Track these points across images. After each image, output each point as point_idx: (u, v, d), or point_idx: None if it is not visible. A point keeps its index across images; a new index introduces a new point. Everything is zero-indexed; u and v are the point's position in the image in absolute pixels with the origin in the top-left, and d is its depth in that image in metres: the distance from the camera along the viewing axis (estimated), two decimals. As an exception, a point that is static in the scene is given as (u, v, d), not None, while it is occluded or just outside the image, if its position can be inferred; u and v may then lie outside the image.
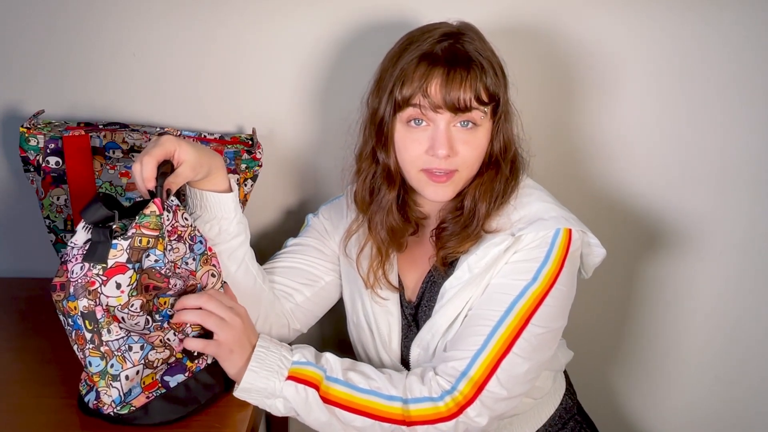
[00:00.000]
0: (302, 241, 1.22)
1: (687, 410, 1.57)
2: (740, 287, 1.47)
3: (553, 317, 1.04)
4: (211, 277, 1.03)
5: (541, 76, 1.35)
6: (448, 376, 1.01)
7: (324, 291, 1.21)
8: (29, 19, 1.33)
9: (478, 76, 1.02)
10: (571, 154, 1.40)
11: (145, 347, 0.97)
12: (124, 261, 0.91)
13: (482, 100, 1.02)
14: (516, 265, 1.04)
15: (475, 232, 1.07)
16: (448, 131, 1.03)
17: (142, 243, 0.92)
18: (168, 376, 1.00)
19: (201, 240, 1.02)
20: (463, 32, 1.06)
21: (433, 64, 1.02)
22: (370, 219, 1.13)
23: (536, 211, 1.07)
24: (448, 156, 1.03)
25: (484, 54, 1.04)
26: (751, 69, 1.33)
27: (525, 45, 1.33)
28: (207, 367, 1.04)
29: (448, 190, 1.06)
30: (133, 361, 0.96)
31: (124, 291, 0.92)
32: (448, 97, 1.01)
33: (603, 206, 1.41)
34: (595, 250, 1.09)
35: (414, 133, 1.05)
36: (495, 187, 1.07)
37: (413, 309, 1.16)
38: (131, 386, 0.97)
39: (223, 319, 0.99)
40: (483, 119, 1.04)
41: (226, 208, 1.06)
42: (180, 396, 1.01)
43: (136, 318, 0.94)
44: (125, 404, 0.97)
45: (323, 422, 1.00)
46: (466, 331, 1.04)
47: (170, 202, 0.96)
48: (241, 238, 1.09)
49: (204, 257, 1.02)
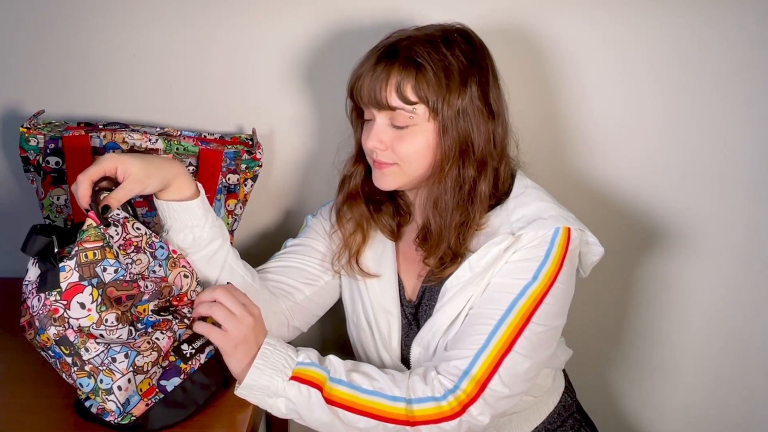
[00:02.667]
0: (302, 241, 1.23)
1: (686, 410, 1.57)
2: (740, 286, 1.47)
3: (553, 315, 1.04)
4: (184, 278, 1.03)
5: (534, 74, 1.35)
6: (451, 375, 1.01)
7: (324, 290, 1.22)
8: (29, 19, 1.33)
9: (403, 74, 1.03)
10: (569, 153, 1.40)
11: (130, 354, 0.96)
12: (77, 280, 0.93)
13: (407, 99, 1.03)
14: (516, 265, 1.05)
15: (448, 250, 1.09)
16: (382, 126, 1.07)
17: (89, 257, 0.93)
18: (164, 380, 1.00)
19: (161, 245, 1.02)
20: (428, 33, 1.06)
21: (371, 60, 1.07)
22: (339, 189, 1.19)
23: (535, 210, 1.07)
24: (377, 149, 1.07)
25: (430, 56, 1.03)
26: (751, 67, 1.33)
27: (520, 45, 1.33)
28: (201, 366, 1.03)
29: (388, 178, 1.10)
30: (121, 370, 0.95)
31: (90, 309, 0.93)
32: (372, 93, 1.05)
33: (601, 205, 1.41)
34: (594, 248, 1.10)
35: (366, 126, 1.11)
36: (447, 193, 1.07)
37: (413, 308, 1.16)
38: (128, 395, 0.96)
39: (233, 314, 0.99)
40: (415, 119, 1.05)
41: (194, 215, 1.06)
42: (178, 399, 1.01)
43: (117, 331, 0.95)
44: (126, 414, 0.96)
45: (325, 423, 1.00)
46: (468, 330, 1.04)
47: (116, 215, 0.98)
48: (218, 242, 1.10)
49: (170, 261, 1.02)
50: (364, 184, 1.17)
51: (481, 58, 1.08)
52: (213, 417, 1.01)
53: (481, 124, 1.06)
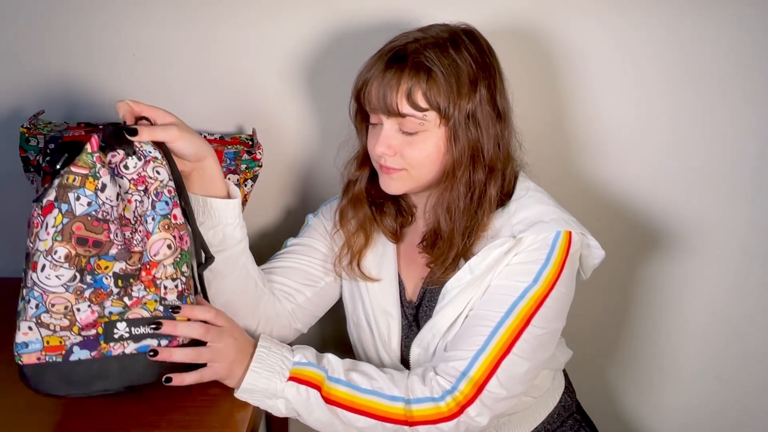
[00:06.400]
0: (302, 241, 1.22)
1: (686, 410, 1.57)
2: (740, 287, 1.47)
3: (552, 318, 1.04)
4: (166, 248, 0.95)
5: (537, 75, 1.35)
6: (449, 376, 1.01)
7: (324, 291, 1.21)
8: (29, 19, 1.33)
9: (414, 80, 1.02)
10: (569, 154, 1.40)
11: (39, 306, 0.89)
12: (52, 199, 0.89)
13: (418, 105, 1.02)
14: (517, 267, 1.04)
15: (454, 255, 1.08)
16: (391, 132, 1.05)
17: (69, 180, 0.89)
18: (78, 347, 0.92)
19: (167, 201, 0.95)
20: (435, 36, 1.05)
21: (379, 65, 1.04)
22: (343, 192, 1.18)
23: (537, 213, 1.07)
24: (385, 154, 1.06)
25: (440, 60, 1.02)
26: (752, 67, 1.33)
27: (523, 45, 1.33)
28: (122, 355, 0.94)
29: (396, 183, 1.09)
30: (26, 316, 0.90)
31: (49, 233, 0.88)
32: (381, 99, 1.03)
33: (601, 206, 1.41)
34: (594, 251, 1.09)
35: (372, 131, 1.10)
36: (459, 198, 1.06)
37: (414, 309, 1.16)
38: (26, 340, 0.90)
39: (210, 328, 0.99)
40: (426, 125, 1.04)
41: (231, 214, 1.05)
42: (75, 376, 0.92)
43: (61, 269, 0.89)
44: (17, 354, 0.91)
45: (324, 423, 1.01)
46: (467, 331, 1.04)
47: (146, 151, 0.94)
48: (243, 244, 1.09)
49: (165, 221, 0.95)
50: (369, 187, 1.16)
51: (488, 59, 1.07)
52: (213, 417, 1.01)
53: (490, 127, 1.05)
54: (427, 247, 1.12)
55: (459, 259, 1.09)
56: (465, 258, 1.08)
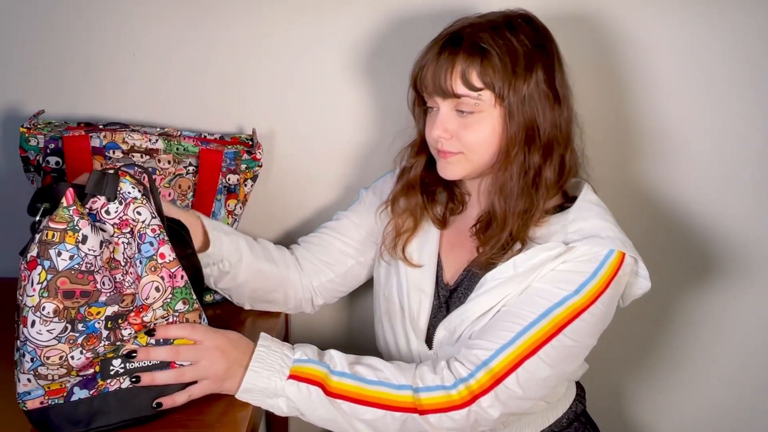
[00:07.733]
0: (346, 215, 1.26)
1: (691, 412, 1.55)
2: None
3: (585, 334, 1.03)
4: (154, 291, 0.95)
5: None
6: (469, 362, 1.01)
7: (354, 270, 1.25)
8: (29, 18, 1.33)
9: (468, 61, 1.03)
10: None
11: (35, 360, 0.89)
12: (35, 255, 0.88)
13: (473, 85, 1.03)
14: (561, 274, 1.03)
15: (509, 237, 1.07)
16: (447, 115, 1.07)
17: (49, 237, 0.88)
18: (78, 387, 0.94)
19: (151, 241, 0.94)
20: (491, 20, 1.06)
21: (434, 49, 1.06)
22: (398, 178, 1.20)
23: (594, 227, 1.06)
24: (442, 138, 1.07)
25: (495, 41, 1.03)
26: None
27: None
28: (118, 391, 0.95)
29: (453, 167, 1.09)
30: (24, 369, 0.91)
31: (35, 289, 0.87)
32: (436, 81, 1.05)
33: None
34: (641, 281, 1.08)
35: (429, 117, 1.11)
36: (513, 179, 1.06)
37: (448, 292, 1.16)
38: (28, 389, 0.92)
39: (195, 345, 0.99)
40: (481, 106, 1.04)
41: (216, 254, 1.12)
42: (77, 415, 0.94)
43: (51, 324, 0.88)
44: (21, 402, 0.93)
45: (327, 419, 1.00)
46: (497, 324, 1.03)
47: (126, 193, 0.93)
48: (237, 255, 1.15)
49: (151, 263, 0.94)
50: (424, 174, 1.17)
51: (545, 42, 1.07)
52: (213, 417, 1.01)
53: (547, 110, 1.05)
54: (480, 231, 1.11)
55: (511, 243, 1.07)
56: (522, 241, 1.07)
